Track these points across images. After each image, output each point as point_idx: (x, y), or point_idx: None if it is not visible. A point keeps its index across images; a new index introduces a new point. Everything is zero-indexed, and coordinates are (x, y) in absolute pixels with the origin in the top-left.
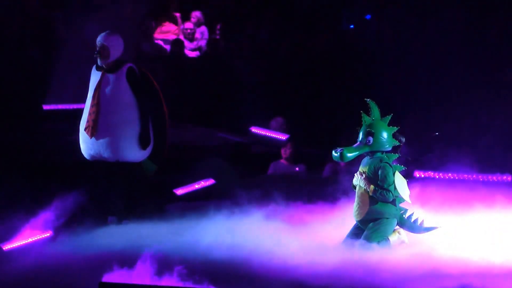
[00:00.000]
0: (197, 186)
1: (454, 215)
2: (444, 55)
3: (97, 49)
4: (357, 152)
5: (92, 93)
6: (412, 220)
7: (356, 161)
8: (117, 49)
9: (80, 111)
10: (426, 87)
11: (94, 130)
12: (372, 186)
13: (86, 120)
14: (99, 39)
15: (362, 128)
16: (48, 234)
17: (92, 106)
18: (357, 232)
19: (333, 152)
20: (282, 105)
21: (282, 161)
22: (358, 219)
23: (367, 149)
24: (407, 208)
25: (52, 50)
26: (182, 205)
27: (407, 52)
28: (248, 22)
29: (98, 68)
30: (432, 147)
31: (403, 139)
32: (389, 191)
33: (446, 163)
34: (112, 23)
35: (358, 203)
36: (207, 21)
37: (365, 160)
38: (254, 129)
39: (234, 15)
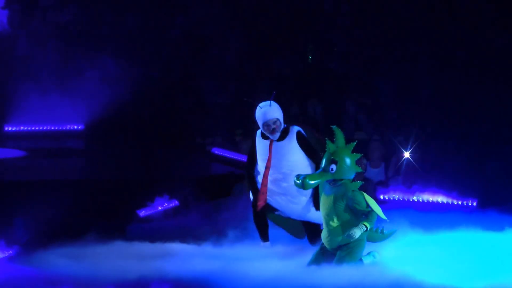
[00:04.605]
0: (160, 208)
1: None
2: (412, 77)
3: (271, 126)
4: (320, 180)
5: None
6: (375, 230)
7: None
8: (282, 117)
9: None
10: (395, 108)
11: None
12: (363, 226)
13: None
14: (270, 117)
15: (326, 155)
16: (9, 253)
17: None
18: (323, 252)
19: (295, 179)
20: (248, 125)
21: None
22: (331, 247)
23: (329, 177)
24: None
25: (14, 70)
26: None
27: (375, 74)
28: (215, 43)
29: (264, 137)
30: (399, 170)
31: (365, 162)
32: (372, 215)
33: (412, 186)
34: None
35: (328, 231)
36: None
37: (327, 187)
38: (216, 151)
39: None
